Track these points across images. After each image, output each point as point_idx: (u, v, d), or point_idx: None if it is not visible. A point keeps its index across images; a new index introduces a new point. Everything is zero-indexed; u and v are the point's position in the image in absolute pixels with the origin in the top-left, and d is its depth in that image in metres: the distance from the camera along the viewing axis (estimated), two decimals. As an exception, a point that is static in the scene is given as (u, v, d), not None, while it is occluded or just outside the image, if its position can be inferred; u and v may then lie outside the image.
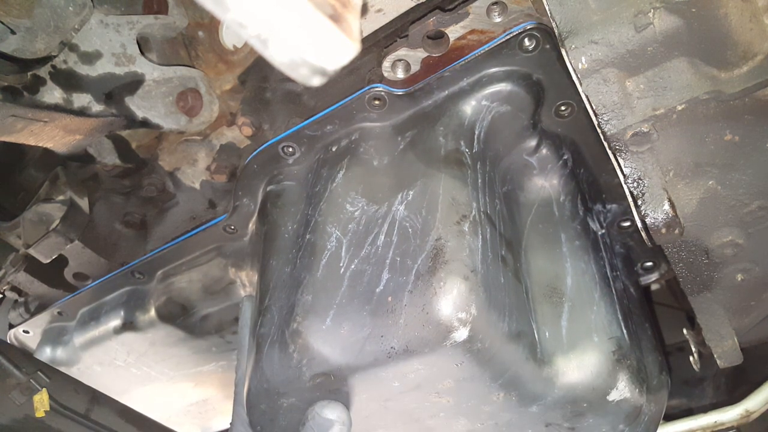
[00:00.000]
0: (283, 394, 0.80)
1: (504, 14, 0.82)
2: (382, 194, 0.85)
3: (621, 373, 0.77)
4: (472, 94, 0.88)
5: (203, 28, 1.02)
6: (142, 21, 0.94)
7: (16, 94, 0.85)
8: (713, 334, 0.91)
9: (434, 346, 0.70)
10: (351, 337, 0.74)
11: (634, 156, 0.76)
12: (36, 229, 1.02)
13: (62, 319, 1.19)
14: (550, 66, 0.84)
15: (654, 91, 0.72)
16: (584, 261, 0.87)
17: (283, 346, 0.78)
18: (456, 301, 0.70)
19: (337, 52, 0.42)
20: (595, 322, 0.80)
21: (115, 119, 0.95)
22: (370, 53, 0.93)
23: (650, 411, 0.81)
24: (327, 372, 0.76)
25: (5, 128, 0.86)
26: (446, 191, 0.79)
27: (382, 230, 0.80)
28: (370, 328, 0.73)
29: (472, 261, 0.73)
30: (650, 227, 0.79)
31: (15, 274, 1.10)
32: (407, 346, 0.71)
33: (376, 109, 0.91)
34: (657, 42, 0.69)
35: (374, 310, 0.74)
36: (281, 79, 1.00)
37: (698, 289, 0.87)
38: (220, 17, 0.39)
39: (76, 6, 0.86)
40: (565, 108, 0.88)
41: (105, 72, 0.92)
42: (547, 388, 0.77)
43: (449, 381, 0.75)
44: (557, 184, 0.94)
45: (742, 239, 0.81)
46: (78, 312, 1.19)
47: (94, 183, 1.12)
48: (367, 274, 0.77)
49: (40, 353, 1.17)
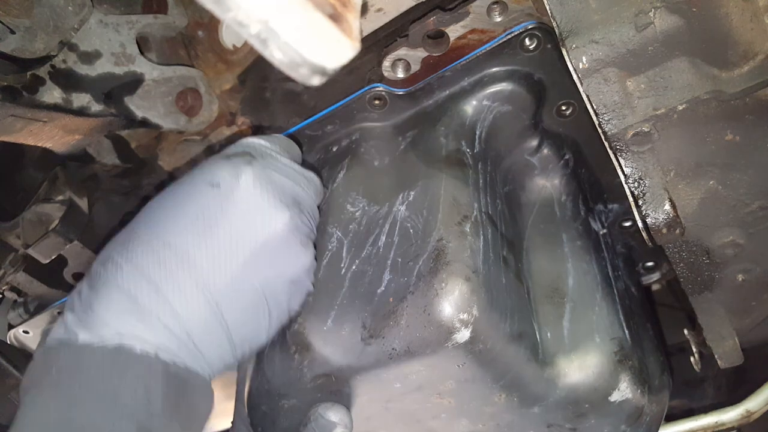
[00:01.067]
0: (284, 395, 0.79)
1: (504, 14, 0.82)
2: (383, 195, 0.85)
3: (623, 374, 0.77)
4: (473, 94, 0.88)
5: (203, 28, 1.02)
6: (142, 20, 0.94)
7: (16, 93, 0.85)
8: (714, 334, 0.91)
9: (436, 347, 0.70)
10: (352, 338, 0.74)
11: (634, 156, 0.76)
12: (35, 230, 1.01)
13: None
14: (551, 65, 0.84)
15: (655, 91, 0.72)
16: (586, 261, 0.87)
17: (284, 347, 0.77)
18: (458, 302, 0.70)
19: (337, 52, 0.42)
20: (596, 322, 0.80)
21: (115, 119, 0.95)
22: (370, 53, 0.93)
23: (652, 411, 0.80)
24: (328, 373, 0.76)
25: (4, 128, 0.86)
26: (447, 191, 0.79)
27: (383, 231, 0.80)
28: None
29: (474, 262, 0.73)
30: (651, 227, 0.78)
31: (14, 274, 1.10)
32: (409, 347, 0.71)
33: (376, 109, 0.91)
34: (658, 41, 0.69)
35: (375, 311, 0.73)
36: (281, 79, 1.00)
37: (699, 289, 0.87)
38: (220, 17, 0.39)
39: (76, 6, 0.86)
40: (567, 108, 0.88)
41: (104, 72, 0.92)
42: (548, 389, 0.77)
43: (451, 382, 0.75)
44: (559, 184, 0.94)
45: (743, 239, 0.81)
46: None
47: (93, 183, 1.12)
48: (369, 275, 0.77)
49: (40, 354, 1.17)
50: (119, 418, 0.60)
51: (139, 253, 0.66)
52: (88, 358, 0.62)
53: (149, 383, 0.62)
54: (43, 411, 0.61)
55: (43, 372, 0.63)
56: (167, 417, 0.63)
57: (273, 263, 0.70)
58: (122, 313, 0.64)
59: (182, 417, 0.65)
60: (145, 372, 0.62)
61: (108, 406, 0.60)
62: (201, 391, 0.68)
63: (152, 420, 0.61)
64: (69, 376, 0.61)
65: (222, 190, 0.69)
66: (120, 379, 0.61)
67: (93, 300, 0.65)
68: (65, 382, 0.61)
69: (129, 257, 0.66)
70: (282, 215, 0.70)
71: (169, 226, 0.68)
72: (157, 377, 0.62)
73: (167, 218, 0.69)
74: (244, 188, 0.69)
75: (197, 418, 0.68)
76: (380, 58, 0.89)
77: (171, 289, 0.64)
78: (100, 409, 0.60)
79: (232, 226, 0.67)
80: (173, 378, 0.64)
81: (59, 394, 0.61)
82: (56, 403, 0.60)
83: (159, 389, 0.62)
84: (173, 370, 0.63)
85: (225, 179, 0.70)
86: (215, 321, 0.66)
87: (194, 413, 0.67)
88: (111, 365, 0.61)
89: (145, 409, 0.61)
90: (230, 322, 0.67)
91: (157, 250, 0.66)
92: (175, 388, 0.64)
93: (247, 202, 0.69)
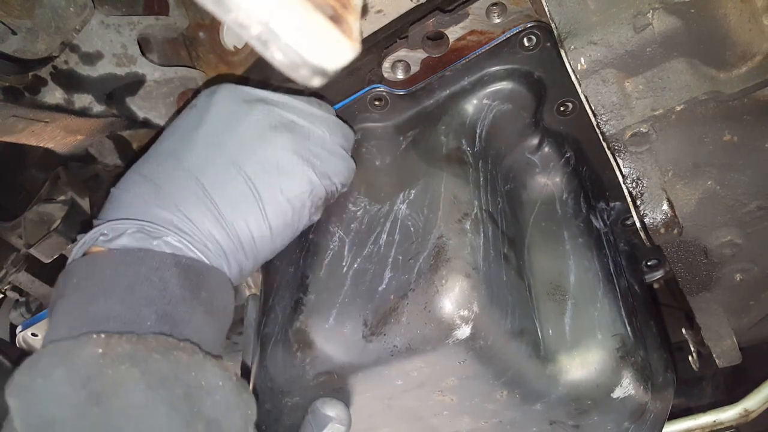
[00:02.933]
0: (287, 393, 0.80)
1: (503, 15, 0.83)
2: (384, 193, 0.85)
3: (625, 371, 0.77)
4: (473, 93, 0.88)
5: (204, 29, 1.02)
6: (143, 22, 0.94)
7: (18, 94, 0.85)
8: (712, 333, 0.91)
9: (436, 344, 0.71)
10: (354, 335, 0.74)
11: (633, 156, 0.76)
12: (37, 229, 1.02)
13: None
14: (550, 64, 0.84)
15: (653, 92, 0.72)
16: (587, 258, 0.87)
17: (286, 345, 0.78)
18: (458, 299, 0.70)
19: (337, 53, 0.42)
20: (598, 319, 0.80)
21: (116, 119, 0.95)
22: (371, 54, 0.93)
23: (656, 409, 0.81)
24: (330, 371, 0.76)
25: (6, 128, 0.86)
26: (448, 190, 0.80)
27: (385, 229, 0.81)
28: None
29: (474, 259, 0.73)
30: (649, 227, 0.79)
31: (16, 274, 1.11)
32: (410, 344, 0.71)
33: (377, 110, 0.91)
34: (656, 43, 0.70)
35: (377, 309, 0.74)
36: (282, 80, 1.00)
37: (697, 288, 0.87)
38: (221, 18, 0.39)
39: (77, 7, 0.87)
40: (567, 106, 0.88)
41: (106, 72, 0.92)
42: (550, 386, 0.77)
43: (452, 379, 0.75)
44: (560, 181, 0.94)
45: (740, 239, 0.81)
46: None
47: (95, 183, 1.12)
48: (370, 273, 0.77)
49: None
50: (138, 306, 0.62)
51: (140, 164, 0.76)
52: (103, 262, 0.66)
53: (163, 273, 0.65)
54: (66, 313, 0.64)
55: (64, 285, 0.66)
56: (187, 303, 0.65)
57: (248, 149, 0.74)
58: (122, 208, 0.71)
59: (203, 303, 0.67)
60: (158, 264, 0.65)
61: (125, 298, 0.63)
62: (217, 280, 0.70)
63: (171, 306, 0.64)
64: (87, 280, 0.65)
65: (198, 107, 0.78)
66: (135, 275, 0.64)
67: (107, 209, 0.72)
68: (84, 286, 0.65)
69: (134, 169, 0.75)
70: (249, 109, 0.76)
71: (160, 140, 0.78)
72: (170, 267, 0.65)
73: (160, 138, 0.79)
74: (216, 101, 0.77)
75: (219, 305, 0.70)
76: (380, 59, 0.89)
77: (159, 177, 0.71)
78: (118, 301, 0.63)
79: (208, 126, 0.75)
80: (186, 267, 0.67)
81: (79, 295, 0.64)
82: (77, 303, 0.64)
83: (174, 277, 0.65)
84: (184, 261, 0.67)
85: (201, 99, 0.79)
86: (207, 201, 0.70)
87: (215, 301, 0.69)
88: (124, 263, 0.65)
89: (162, 295, 0.64)
90: (220, 204, 0.71)
91: (151, 156, 0.76)
92: (190, 276, 0.67)
93: (221, 107, 0.77)
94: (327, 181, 0.79)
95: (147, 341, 0.59)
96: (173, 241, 0.67)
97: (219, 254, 0.71)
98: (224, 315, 0.72)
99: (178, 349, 0.60)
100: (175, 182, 0.70)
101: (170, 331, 0.62)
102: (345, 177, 0.82)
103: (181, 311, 0.64)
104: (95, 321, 0.61)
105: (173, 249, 0.67)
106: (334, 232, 0.84)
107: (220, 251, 0.71)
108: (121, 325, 0.61)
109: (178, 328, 0.63)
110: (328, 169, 0.78)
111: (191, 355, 0.61)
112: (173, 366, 0.59)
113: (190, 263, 0.67)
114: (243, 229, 0.72)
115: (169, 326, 0.63)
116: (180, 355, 0.60)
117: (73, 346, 0.57)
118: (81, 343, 0.57)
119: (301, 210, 0.77)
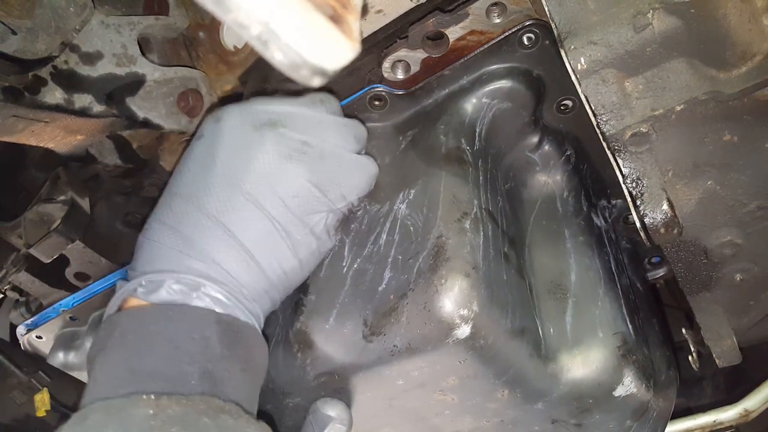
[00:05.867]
0: (289, 393, 0.80)
1: (503, 15, 0.83)
2: (383, 193, 0.85)
3: (627, 369, 0.77)
4: (472, 92, 0.88)
5: (204, 29, 1.02)
6: (143, 22, 0.94)
7: (17, 94, 0.85)
8: (712, 333, 0.91)
9: (437, 343, 0.71)
10: (354, 335, 0.74)
11: (632, 156, 0.76)
12: (37, 229, 1.02)
13: (74, 323, 1.19)
14: (550, 62, 0.84)
15: (653, 92, 0.72)
16: (588, 257, 0.87)
17: (287, 346, 0.78)
18: (457, 298, 0.70)
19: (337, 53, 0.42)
20: (599, 317, 0.80)
21: (116, 120, 0.95)
22: (370, 54, 0.93)
23: (658, 407, 0.80)
24: (331, 371, 0.76)
25: (6, 128, 0.86)
26: (447, 189, 0.80)
27: (384, 229, 0.81)
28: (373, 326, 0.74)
29: (474, 258, 0.73)
30: (649, 227, 0.79)
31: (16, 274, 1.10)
32: (410, 343, 0.71)
33: (377, 110, 0.91)
34: (656, 43, 0.70)
35: (377, 309, 0.74)
36: (282, 80, 1.00)
37: (697, 288, 0.87)
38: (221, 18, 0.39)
39: (77, 7, 0.86)
40: (567, 104, 0.88)
41: (106, 72, 0.92)
42: (552, 385, 0.77)
43: (453, 378, 0.75)
44: (560, 180, 0.94)
45: (740, 239, 0.81)
46: (89, 316, 1.19)
47: (95, 183, 1.12)
48: (370, 273, 0.77)
49: (53, 359, 1.16)
50: (182, 363, 0.63)
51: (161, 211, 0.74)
52: (145, 316, 0.66)
53: (204, 331, 0.65)
54: (110, 368, 0.64)
55: (106, 338, 0.66)
56: (227, 360, 0.66)
57: (266, 186, 0.73)
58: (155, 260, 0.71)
59: (241, 360, 0.68)
60: (199, 320, 0.66)
61: (170, 354, 0.63)
62: (253, 336, 0.71)
63: (212, 363, 0.64)
64: (130, 335, 0.65)
65: (206, 139, 0.76)
66: (177, 330, 0.64)
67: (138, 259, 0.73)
68: (127, 340, 0.65)
69: (156, 217, 0.74)
70: (260, 138, 0.74)
71: (175, 181, 0.76)
72: (211, 324, 0.66)
73: (174, 177, 0.77)
74: (224, 130, 0.75)
75: (255, 362, 0.71)
76: (380, 59, 0.89)
77: (186, 226, 0.70)
78: (162, 357, 0.63)
79: (222, 164, 0.73)
80: (225, 324, 0.67)
81: (123, 351, 0.64)
82: (121, 358, 0.64)
83: (214, 335, 0.65)
84: (224, 318, 0.67)
85: (207, 127, 0.78)
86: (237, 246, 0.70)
87: (252, 357, 0.70)
88: (166, 319, 0.65)
89: (204, 353, 0.64)
90: (250, 248, 0.71)
91: (171, 201, 0.74)
92: (228, 333, 0.67)
93: (232, 138, 0.75)
94: (344, 202, 0.79)
95: (195, 403, 0.59)
96: (212, 292, 0.68)
97: (254, 298, 0.72)
98: (259, 371, 0.73)
99: (224, 412, 0.61)
100: (203, 232, 0.70)
101: (211, 389, 0.63)
102: (363, 188, 0.83)
103: (221, 369, 0.65)
104: (140, 378, 0.61)
105: (212, 301, 0.68)
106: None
107: (255, 294, 0.72)
108: (165, 382, 0.61)
109: (218, 386, 0.64)
110: (345, 191, 0.79)
111: (236, 419, 0.61)
112: (221, 430, 0.59)
113: (230, 320, 0.68)
114: (275, 268, 0.73)
115: (209, 384, 0.63)
116: (226, 419, 0.60)
117: (124, 405, 0.57)
118: (132, 403, 0.57)
119: (325, 236, 0.78)
